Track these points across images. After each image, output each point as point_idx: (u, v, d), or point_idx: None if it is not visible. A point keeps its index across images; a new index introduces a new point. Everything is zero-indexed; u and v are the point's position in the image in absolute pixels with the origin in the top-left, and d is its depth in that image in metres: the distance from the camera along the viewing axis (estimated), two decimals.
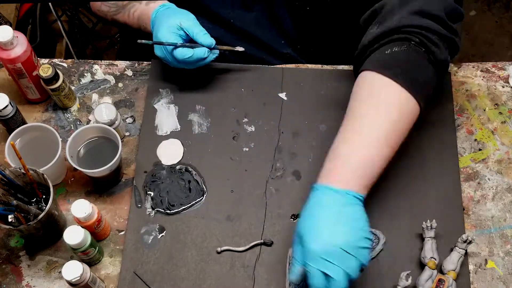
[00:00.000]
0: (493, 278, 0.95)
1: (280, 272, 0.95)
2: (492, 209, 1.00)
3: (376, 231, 0.96)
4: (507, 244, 0.97)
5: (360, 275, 0.82)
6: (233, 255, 0.96)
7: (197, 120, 1.07)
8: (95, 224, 0.92)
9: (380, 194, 1.00)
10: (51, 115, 1.09)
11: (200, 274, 0.95)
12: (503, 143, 1.06)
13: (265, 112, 1.08)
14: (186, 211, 1.00)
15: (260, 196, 1.01)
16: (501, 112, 1.08)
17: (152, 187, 1.01)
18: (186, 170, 1.03)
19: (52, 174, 0.97)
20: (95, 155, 0.98)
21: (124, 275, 0.95)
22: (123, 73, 1.13)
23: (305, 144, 1.05)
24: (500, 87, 1.11)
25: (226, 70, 1.12)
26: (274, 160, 1.04)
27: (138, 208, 1.00)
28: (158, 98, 1.09)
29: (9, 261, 0.97)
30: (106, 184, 1.02)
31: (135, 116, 1.09)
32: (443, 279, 0.90)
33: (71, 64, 1.14)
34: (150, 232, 0.98)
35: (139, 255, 0.96)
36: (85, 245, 0.89)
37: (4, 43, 0.96)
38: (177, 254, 0.96)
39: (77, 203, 0.89)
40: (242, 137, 1.06)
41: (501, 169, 1.03)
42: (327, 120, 1.07)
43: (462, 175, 1.02)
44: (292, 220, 0.99)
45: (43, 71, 1.00)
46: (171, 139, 1.05)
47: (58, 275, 0.96)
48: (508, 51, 2.08)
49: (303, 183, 1.02)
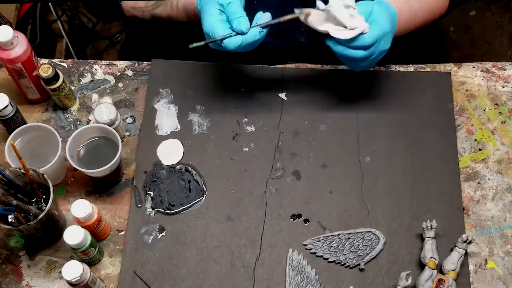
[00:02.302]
0: (493, 278, 0.95)
1: (280, 272, 0.95)
2: (492, 209, 1.00)
3: (376, 231, 0.97)
4: (507, 244, 0.97)
5: (360, 275, 0.83)
6: (233, 255, 0.96)
7: (197, 120, 1.07)
8: (95, 224, 0.92)
9: (380, 194, 1.00)
10: (51, 115, 1.09)
11: (200, 274, 0.95)
12: (503, 143, 1.06)
13: (265, 112, 1.08)
14: (186, 211, 1.00)
15: (260, 196, 1.01)
16: (501, 112, 1.08)
17: (152, 187, 1.01)
18: (186, 170, 1.03)
19: (52, 174, 0.97)
20: (95, 155, 0.98)
21: (124, 275, 0.95)
22: (123, 73, 1.13)
23: (305, 144, 1.05)
24: (500, 87, 1.11)
25: (226, 70, 1.12)
26: (274, 160, 1.04)
27: (138, 208, 1.00)
28: (158, 98, 1.09)
29: (9, 261, 0.97)
30: (106, 184, 1.02)
31: (135, 116, 1.09)
32: (443, 279, 0.90)
33: (71, 64, 1.14)
34: (150, 232, 0.98)
35: (139, 255, 0.96)
36: (85, 245, 0.89)
37: (4, 43, 0.96)
38: (177, 254, 0.96)
39: (77, 203, 0.89)
40: (242, 137, 1.06)
41: (501, 169, 1.03)
42: (327, 120, 1.07)
43: (462, 175, 1.02)
44: (292, 220, 0.99)
45: (43, 71, 1.00)
46: (171, 139, 1.05)
47: (58, 275, 0.96)
48: (508, 51, 2.08)
49: (303, 183, 1.02)
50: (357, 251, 0.95)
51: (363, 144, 1.04)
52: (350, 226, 0.98)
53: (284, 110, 1.08)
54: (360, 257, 0.95)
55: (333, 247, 0.96)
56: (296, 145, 1.05)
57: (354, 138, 1.05)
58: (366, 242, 0.96)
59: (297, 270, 0.95)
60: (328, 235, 0.97)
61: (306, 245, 0.97)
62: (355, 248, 0.96)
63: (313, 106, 1.08)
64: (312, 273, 0.94)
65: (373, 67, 1.12)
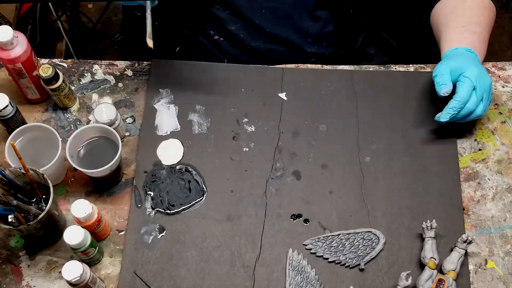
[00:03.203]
0: (493, 278, 0.95)
1: (280, 272, 0.95)
2: (492, 209, 1.00)
3: (376, 231, 0.97)
4: (507, 244, 0.97)
5: (360, 275, 0.83)
6: (233, 255, 0.96)
7: (197, 120, 1.07)
8: (95, 224, 0.92)
9: (381, 194, 1.00)
10: (51, 115, 1.09)
11: (200, 274, 0.95)
12: (503, 143, 1.06)
13: (265, 112, 1.08)
14: (186, 211, 1.00)
15: (260, 196, 1.01)
16: (501, 112, 1.08)
17: (152, 187, 1.01)
18: (186, 170, 1.03)
19: (52, 174, 0.97)
20: (95, 155, 0.98)
21: (124, 275, 0.95)
22: (123, 73, 1.13)
23: (305, 144, 1.05)
24: (500, 87, 1.11)
25: (226, 70, 1.12)
26: (274, 160, 1.04)
27: (138, 208, 1.00)
28: (158, 98, 1.09)
29: (9, 261, 0.97)
30: (106, 184, 1.02)
31: (135, 116, 1.09)
32: (443, 279, 0.90)
33: (71, 64, 1.14)
34: (150, 232, 0.98)
35: (139, 255, 0.96)
36: (85, 245, 0.89)
37: (4, 43, 0.96)
38: (177, 254, 0.96)
39: (77, 203, 0.89)
40: (242, 137, 1.06)
41: (501, 169, 1.03)
42: (327, 120, 1.07)
43: (462, 175, 1.02)
44: (292, 220, 0.99)
45: (43, 71, 1.00)
46: (171, 139, 1.05)
47: (58, 275, 0.96)
48: (508, 51, 2.08)
49: (303, 183, 1.02)
50: (357, 251, 0.96)
51: (363, 144, 1.04)
52: (350, 226, 0.98)
53: (284, 110, 1.08)
54: (360, 257, 0.95)
55: (333, 247, 0.96)
56: (296, 145, 1.05)
57: (354, 138, 1.05)
58: (366, 242, 0.96)
59: (297, 270, 0.95)
60: (328, 235, 0.97)
61: (306, 245, 0.97)
62: (355, 248, 0.96)
63: (313, 106, 1.08)
64: (312, 273, 0.94)
65: (373, 67, 1.12)
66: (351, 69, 1.12)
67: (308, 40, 1.18)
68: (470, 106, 0.96)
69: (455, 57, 1.00)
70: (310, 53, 1.19)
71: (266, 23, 1.16)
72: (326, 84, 1.10)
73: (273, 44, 1.18)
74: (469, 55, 1.00)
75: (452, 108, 0.96)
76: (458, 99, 0.96)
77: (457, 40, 1.03)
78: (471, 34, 1.03)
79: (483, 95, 0.97)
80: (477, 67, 0.97)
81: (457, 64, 0.98)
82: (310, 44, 1.18)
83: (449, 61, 0.99)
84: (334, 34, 1.17)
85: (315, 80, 1.10)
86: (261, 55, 1.17)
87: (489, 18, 1.07)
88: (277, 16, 1.15)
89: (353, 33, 1.18)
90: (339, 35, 1.17)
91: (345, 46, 1.19)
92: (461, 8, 1.06)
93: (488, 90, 0.98)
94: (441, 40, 1.06)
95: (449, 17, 1.06)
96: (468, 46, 1.01)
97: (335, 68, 1.13)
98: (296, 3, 1.13)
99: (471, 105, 0.96)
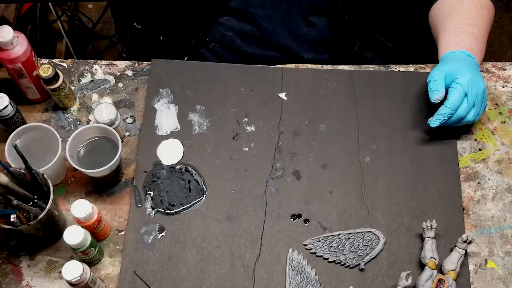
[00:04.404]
0: (493, 278, 0.95)
1: (280, 272, 0.95)
2: (492, 209, 1.00)
3: (376, 231, 0.97)
4: (507, 244, 0.97)
5: (360, 275, 0.83)
6: (233, 255, 0.96)
7: (197, 120, 1.07)
8: (95, 224, 0.92)
9: (381, 194, 1.00)
10: (51, 115, 1.09)
11: (200, 274, 0.95)
12: (503, 143, 1.06)
13: (265, 112, 1.08)
14: (186, 211, 1.00)
15: (260, 196, 1.01)
16: (501, 112, 1.08)
17: (152, 187, 1.01)
18: (186, 170, 1.03)
19: (52, 174, 0.97)
20: (95, 155, 0.98)
21: (124, 275, 0.95)
22: (123, 73, 1.13)
23: (305, 144, 1.05)
24: (500, 87, 1.11)
25: (226, 70, 1.12)
26: (274, 160, 1.04)
27: (138, 208, 1.00)
28: (158, 98, 1.09)
29: (9, 261, 0.97)
30: (106, 184, 1.02)
31: (135, 116, 1.09)
32: (443, 279, 0.90)
33: (71, 64, 1.14)
34: (150, 232, 0.98)
35: (139, 255, 0.96)
36: (85, 245, 0.89)
37: (4, 43, 0.96)
38: (177, 254, 0.96)
39: (77, 203, 0.89)
40: (242, 137, 1.06)
41: (501, 169, 1.03)
42: (327, 120, 1.07)
43: (462, 175, 1.02)
44: (292, 220, 0.99)
45: (43, 71, 1.00)
46: (171, 139, 1.05)
47: (58, 275, 0.96)
48: (508, 51, 2.08)
49: (303, 183, 1.02)
50: (357, 251, 0.96)
51: (363, 144, 1.05)
52: (350, 226, 0.98)
53: (284, 110, 1.08)
54: (360, 257, 0.95)
55: (333, 247, 0.96)
56: (296, 145, 1.05)
57: (354, 138, 1.05)
58: (366, 242, 0.96)
59: (297, 270, 0.95)
60: (328, 235, 0.97)
61: (306, 245, 0.97)
62: (355, 248, 0.96)
63: (313, 106, 1.08)
64: (312, 273, 0.94)
65: (373, 67, 1.12)
66: (351, 69, 1.12)
67: (304, 46, 1.18)
68: (461, 113, 0.97)
69: (451, 61, 1.00)
70: (306, 59, 1.19)
71: (263, 30, 1.16)
72: (326, 84, 1.10)
73: (270, 51, 1.18)
74: (466, 58, 1.00)
75: (442, 114, 0.97)
76: (448, 105, 0.96)
77: (454, 42, 1.03)
78: (468, 36, 1.03)
79: (475, 101, 0.97)
80: (470, 72, 0.97)
81: (451, 69, 0.98)
82: (307, 50, 1.18)
83: (444, 66, 0.99)
84: (330, 40, 1.17)
85: (315, 80, 1.11)
86: (258, 62, 1.17)
87: (487, 17, 1.07)
88: (273, 23, 1.15)
89: (349, 39, 1.18)
90: (335, 41, 1.17)
91: (342, 52, 1.19)
92: (458, 9, 1.06)
93: (480, 96, 0.98)
94: (439, 42, 1.06)
95: (447, 18, 1.06)
96: (465, 49, 1.01)
97: (335, 68, 1.13)
98: (291, 10, 1.13)
99: (461, 111, 0.97)
